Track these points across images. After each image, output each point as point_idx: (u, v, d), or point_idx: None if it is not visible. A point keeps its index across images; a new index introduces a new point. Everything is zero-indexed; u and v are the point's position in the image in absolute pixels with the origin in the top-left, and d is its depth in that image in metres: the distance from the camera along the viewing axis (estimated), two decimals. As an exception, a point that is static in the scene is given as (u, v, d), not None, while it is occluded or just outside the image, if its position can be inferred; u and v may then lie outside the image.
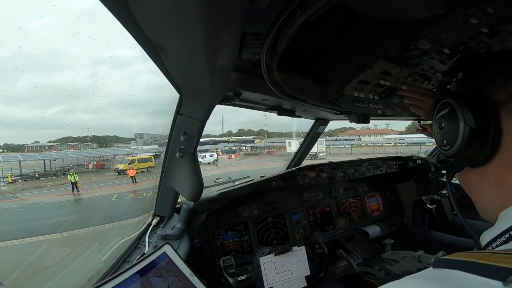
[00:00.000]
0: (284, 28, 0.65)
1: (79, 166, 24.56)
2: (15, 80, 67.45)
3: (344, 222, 2.20)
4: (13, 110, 73.10)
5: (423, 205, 2.18)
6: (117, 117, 70.69)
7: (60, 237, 7.49)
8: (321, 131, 2.17)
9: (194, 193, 1.21)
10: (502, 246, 0.38)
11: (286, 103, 1.33)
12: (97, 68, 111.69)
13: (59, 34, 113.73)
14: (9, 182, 18.32)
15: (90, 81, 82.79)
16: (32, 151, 36.07)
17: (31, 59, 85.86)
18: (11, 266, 5.44)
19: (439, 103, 0.54)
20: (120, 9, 0.56)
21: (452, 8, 0.65)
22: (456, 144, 0.49)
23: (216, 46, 0.62)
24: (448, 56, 0.87)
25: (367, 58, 0.87)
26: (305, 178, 1.93)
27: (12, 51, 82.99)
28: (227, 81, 0.89)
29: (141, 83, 64.04)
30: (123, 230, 1.45)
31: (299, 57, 0.97)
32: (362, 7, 0.72)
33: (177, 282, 0.90)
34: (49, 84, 57.03)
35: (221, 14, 0.52)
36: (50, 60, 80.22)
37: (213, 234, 1.73)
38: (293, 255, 1.33)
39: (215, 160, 28.99)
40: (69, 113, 61.34)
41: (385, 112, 1.33)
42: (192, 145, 1.09)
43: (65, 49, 65.50)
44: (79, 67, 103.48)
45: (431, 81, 1.10)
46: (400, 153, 5.19)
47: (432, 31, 0.74)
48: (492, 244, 0.41)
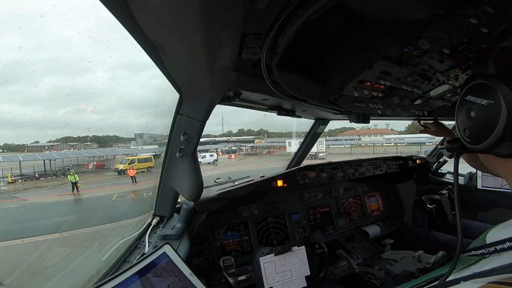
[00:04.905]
0: (284, 28, 0.65)
1: (79, 166, 24.56)
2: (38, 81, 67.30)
3: (344, 222, 2.20)
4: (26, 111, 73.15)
5: (423, 205, 2.18)
6: (118, 118, 70.72)
7: (60, 237, 7.49)
8: (321, 131, 2.17)
9: (194, 193, 1.21)
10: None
11: (286, 103, 1.33)
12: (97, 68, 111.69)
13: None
14: (9, 182, 18.32)
15: (88, 81, 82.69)
16: (32, 151, 36.09)
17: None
18: (11, 266, 5.44)
19: (468, 86, 0.50)
20: (120, 9, 0.56)
21: (452, 8, 0.65)
22: (496, 130, 0.44)
23: (216, 46, 0.62)
24: (448, 56, 0.87)
25: (367, 58, 0.87)
26: (305, 178, 1.93)
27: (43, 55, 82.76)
28: (227, 81, 0.89)
29: (140, 83, 64.03)
30: (123, 230, 1.45)
31: (299, 57, 0.97)
32: (362, 7, 0.72)
33: (177, 282, 0.90)
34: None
35: (221, 14, 0.52)
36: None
37: (213, 234, 1.73)
38: (293, 255, 1.33)
39: (215, 160, 28.99)
40: (77, 114, 61.14)
41: (385, 112, 1.33)
42: (192, 145, 1.09)
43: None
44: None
45: (431, 81, 1.10)
46: (400, 153, 5.18)
47: (432, 31, 0.74)
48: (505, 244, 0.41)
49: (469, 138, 0.51)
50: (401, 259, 1.58)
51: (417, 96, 1.24)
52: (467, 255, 0.54)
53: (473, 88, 0.50)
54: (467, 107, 0.51)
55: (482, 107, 0.47)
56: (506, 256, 0.43)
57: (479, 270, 0.43)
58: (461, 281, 0.45)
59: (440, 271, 0.67)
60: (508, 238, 0.43)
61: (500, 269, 0.40)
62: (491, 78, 0.46)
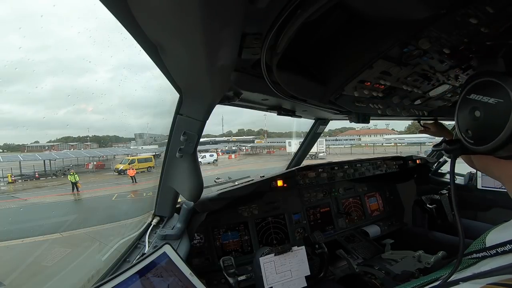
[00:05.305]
0: (284, 28, 0.64)
1: (79, 166, 24.56)
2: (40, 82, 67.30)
3: (344, 222, 2.20)
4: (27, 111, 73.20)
5: (423, 205, 2.18)
6: (118, 118, 70.70)
7: (60, 237, 7.49)
8: (321, 131, 2.17)
9: (194, 193, 1.21)
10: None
11: (286, 103, 1.33)
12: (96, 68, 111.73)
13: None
14: (9, 182, 18.32)
15: (88, 81, 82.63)
16: (32, 151, 36.09)
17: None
18: (11, 266, 5.44)
19: (473, 84, 0.48)
20: (120, 9, 0.56)
21: (452, 8, 0.65)
22: (505, 130, 0.41)
23: (216, 46, 0.62)
24: (448, 56, 0.87)
25: (367, 58, 0.87)
26: (305, 178, 1.93)
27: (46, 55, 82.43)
28: (227, 81, 0.89)
29: (141, 83, 64.02)
30: (123, 230, 1.45)
31: (299, 57, 0.97)
32: (362, 7, 0.72)
33: (177, 282, 0.90)
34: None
35: (221, 14, 0.52)
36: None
37: (213, 234, 1.73)
38: (293, 255, 1.33)
39: (215, 160, 28.99)
40: (77, 114, 61.12)
41: (385, 112, 1.33)
42: (192, 145, 1.09)
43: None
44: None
45: (431, 81, 1.10)
46: (400, 153, 5.18)
47: (432, 31, 0.74)
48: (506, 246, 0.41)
49: (472, 139, 0.49)
50: (401, 259, 1.58)
51: (417, 96, 1.24)
52: (467, 258, 0.53)
53: (478, 86, 0.48)
54: (471, 106, 0.49)
55: (489, 106, 0.45)
56: (506, 257, 0.43)
57: (478, 271, 0.43)
58: (460, 282, 0.45)
59: (440, 273, 0.67)
60: (509, 241, 0.42)
61: (500, 270, 0.40)
62: (501, 75, 0.44)
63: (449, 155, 0.54)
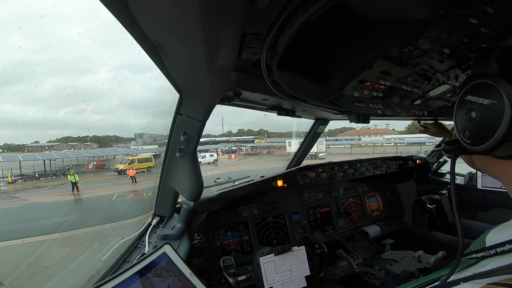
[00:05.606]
0: (284, 28, 0.64)
1: (79, 166, 24.55)
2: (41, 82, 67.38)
3: (344, 222, 2.20)
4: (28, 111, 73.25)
5: (423, 205, 2.18)
6: (118, 118, 70.60)
7: (60, 237, 7.49)
8: (321, 131, 2.17)
9: (194, 193, 1.21)
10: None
11: (286, 103, 1.33)
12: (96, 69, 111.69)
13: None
14: (9, 182, 18.32)
15: (89, 81, 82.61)
16: (32, 151, 36.07)
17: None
18: (11, 266, 5.44)
19: (469, 86, 0.49)
20: (120, 9, 0.56)
21: (452, 8, 0.65)
22: (499, 130, 0.43)
23: (216, 46, 0.62)
24: (448, 56, 0.87)
25: (367, 58, 0.87)
26: (305, 178, 1.93)
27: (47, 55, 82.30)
28: (227, 81, 0.89)
29: (141, 83, 64.03)
30: (123, 230, 1.45)
31: (299, 57, 0.97)
32: (362, 7, 0.72)
33: (177, 282, 0.90)
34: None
35: (221, 14, 0.52)
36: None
37: (213, 234, 1.73)
38: (293, 255, 1.33)
39: (215, 160, 28.99)
40: (77, 114, 61.02)
41: (385, 112, 1.33)
42: (192, 145, 1.09)
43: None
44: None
45: (431, 81, 1.10)
46: (400, 153, 5.18)
47: (432, 31, 0.74)
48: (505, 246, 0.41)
49: (469, 139, 0.50)
50: (401, 259, 1.58)
51: (417, 96, 1.24)
52: (467, 258, 0.53)
53: (474, 88, 0.49)
54: (468, 107, 0.50)
55: (484, 107, 0.46)
56: (506, 257, 0.43)
57: (478, 271, 0.43)
58: (461, 282, 0.45)
59: (440, 273, 0.67)
60: (508, 241, 0.42)
61: (500, 270, 0.40)
62: (494, 77, 0.45)
63: (449, 155, 0.55)
